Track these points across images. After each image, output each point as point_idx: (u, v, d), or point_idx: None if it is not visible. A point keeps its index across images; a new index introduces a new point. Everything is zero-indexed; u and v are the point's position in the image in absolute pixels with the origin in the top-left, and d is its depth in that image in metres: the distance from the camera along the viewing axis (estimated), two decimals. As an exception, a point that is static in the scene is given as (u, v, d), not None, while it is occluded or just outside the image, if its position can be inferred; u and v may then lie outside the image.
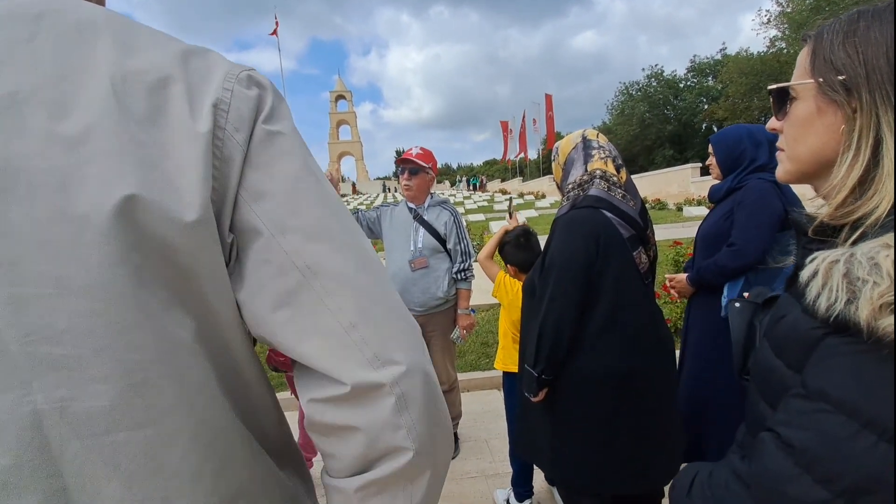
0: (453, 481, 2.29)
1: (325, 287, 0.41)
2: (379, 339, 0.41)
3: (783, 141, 0.63)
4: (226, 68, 0.43)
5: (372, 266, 0.45)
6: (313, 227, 0.42)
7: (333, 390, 0.41)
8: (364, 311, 0.42)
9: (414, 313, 2.30)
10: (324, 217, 0.43)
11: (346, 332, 0.40)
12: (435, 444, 0.43)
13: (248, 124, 0.41)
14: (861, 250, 0.45)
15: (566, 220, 1.40)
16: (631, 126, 33.32)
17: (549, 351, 1.34)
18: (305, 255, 0.41)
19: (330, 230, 0.43)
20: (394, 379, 0.40)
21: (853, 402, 0.45)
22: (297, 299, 0.41)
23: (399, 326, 0.44)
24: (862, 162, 0.51)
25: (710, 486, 0.60)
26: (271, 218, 0.41)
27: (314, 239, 0.42)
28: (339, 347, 0.40)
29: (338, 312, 0.41)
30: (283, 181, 0.42)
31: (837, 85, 0.53)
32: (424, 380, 0.43)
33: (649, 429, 1.38)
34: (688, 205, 13.02)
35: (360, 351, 0.40)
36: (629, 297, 1.37)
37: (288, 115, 0.46)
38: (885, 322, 0.42)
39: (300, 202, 0.42)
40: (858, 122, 0.51)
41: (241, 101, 0.41)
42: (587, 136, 1.52)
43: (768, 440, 0.53)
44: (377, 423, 0.40)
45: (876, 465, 0.43)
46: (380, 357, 0.41)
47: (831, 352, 0.48)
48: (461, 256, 2.36)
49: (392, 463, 0.41)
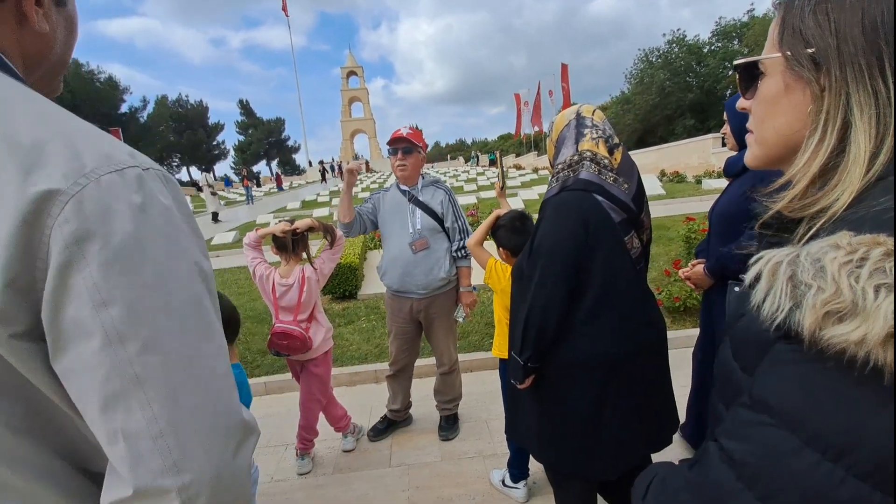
0: (451, 461, 2.33)
1: (145, 396, 0.44)
2: (181, 450, 0.45)
3: (752, 122, 0.58)
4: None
5: (206, 373, 0.48)
6: (151, 338, 0.45)
7: (120, 493, 0.44)
8: (176, 424, 0.45)
9: (417, 296, 2.31)
10: (163, 328, 0.46)
11: (154, 440, 0.44)
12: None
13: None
14: (808, 250, 0.40)
15: (555, 203, 1.34)
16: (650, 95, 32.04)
17: (536, 338, 1.32)
18: (137, 365, 0.44)
19: (168, 342, 0.46)
20: (182, 486, 0.44)
21: (796, 415, 0.41)
22: (116, 404, 0.44)
23: (211, 441, 0.47)
24: (826, 148, 0.45)
25: (662, 491, 0.58)
26: (113, 325, 0.43)
27: (150, 351, 0.44)
28: (141, 453, 0.44)
29: (151, 422, 0.44)
30: (128, 290, 0.44)
31: (805, 59, 0.47)
32: (216, 483, 0.46)
33: (637, 415, 1.36)
34: (707, 177, 12.57)
35: (161, 458, 0.44)
36: (619, 282, 1.32)
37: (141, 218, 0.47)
38: (829, 332, 0.37)
39: (143, 312, 0.45)
40: (826, 102, 0.45)
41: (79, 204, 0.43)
42: (582, 112, 1.44)
43: (713, 450, 0.50)
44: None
45: (819, 485, 0.39)
46: (178, 465, 0.44)
47: (780, 359, 0.44)
48: (459, 234, 2.34)
49: None
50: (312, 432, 2.33)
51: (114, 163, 0.46)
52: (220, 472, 0.47)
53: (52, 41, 0.55)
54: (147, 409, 0.44)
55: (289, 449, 2.51)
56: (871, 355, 0.35)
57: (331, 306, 4.73)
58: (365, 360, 3.52)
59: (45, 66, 0.56)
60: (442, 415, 2.59)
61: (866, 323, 0.35)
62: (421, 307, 2.33)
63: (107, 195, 0.44)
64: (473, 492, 2.10)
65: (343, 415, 2.46)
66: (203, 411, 0.47)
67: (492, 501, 2.03)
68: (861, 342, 0.35)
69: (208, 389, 0.49)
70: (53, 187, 0.42)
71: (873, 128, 0.42)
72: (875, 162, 0.42)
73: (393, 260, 2.29)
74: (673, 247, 5.31)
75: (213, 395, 0.49)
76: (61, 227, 0.41)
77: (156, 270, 0.46)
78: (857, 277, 0.36)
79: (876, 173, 0.42)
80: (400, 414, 2.62)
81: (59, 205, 0.42)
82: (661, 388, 1.45)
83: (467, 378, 3.17)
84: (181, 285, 0.48)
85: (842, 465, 0.38)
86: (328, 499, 2.14)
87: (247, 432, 0.52)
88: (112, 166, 0.45)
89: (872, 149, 0.42)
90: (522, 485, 2.01)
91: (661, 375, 1.45)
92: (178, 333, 0.47)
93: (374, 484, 2.21)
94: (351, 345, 3.80)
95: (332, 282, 4.78)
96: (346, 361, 3.52)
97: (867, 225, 0.39)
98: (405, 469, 2.30)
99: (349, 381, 3.31)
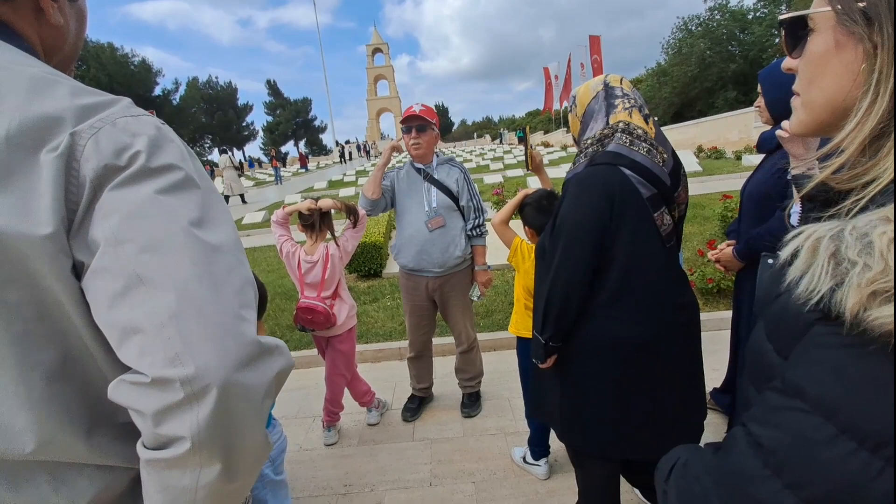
0: (474, 437, 2.36)
1: (148, 292, 0.46)
2: (184, 342, 0.45)
3: (798, 84, 0.52)
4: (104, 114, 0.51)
5: (211, 279, 0.49)
6: (149, 241, 0.47)
7: (136, 377, 0.46)
8: (177, 316, 0.46)
9: (433, 274, 2.30)
10: (166, 233, 0.48)
11: (157, 331, 0.45)
12: (225, 445, 0.47)
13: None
14: (854, 224, 0.36)
15: (579, 178, 1.29)
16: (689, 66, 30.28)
17: (557, 317, 1.29)
18: (135, 263, 0.47)
19: (169, 244, 0.48)
20: (185, 378, 0.44)
21: (832, 402, 0.38)
22: (122, 300, 0.46)
23: (214, 337, 0.47)
24: (878, 111, 0.40)
25: (683, 476, 0.56)
26: (113, 231, 0.47)
27: (148, 251, 0.47)
28: (147, 343, 0.45)
29: (152, 314, 0.46)
30: (131, 203, 0.48)
31: (857, 14, 0.42)
32: (222, 387, 0.46)
33: (663, 397, 1.32)
34: (748, 153, 11.91)
35: (163, 349, 0.45)
36: (645, 261, 1.27)
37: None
38: (874, 314, 0.34)
39: (141, 219, 0.48)
40: (879, 61, 0.40)
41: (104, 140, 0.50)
42: (609, 82, 1.37)
43: (740, 436, 0.47)
44: (160, 412, 0.45)
45: (854, 476, 0.36)
46: (180, 357, 0.45)
47: (816, 342, 0.41)
48: (474, 213, 2.32)
49: (173, 449, 0.46)
50: (338, 406, 2.40)
51: (132, 111, 0.53)
52: (228, 375, 0.47)
53: (65, 33, 0.61)
54: (148, 303, 0.46)
55: (316, 421, 2.61)
56: None
57: (356, 284, 4.82)
58: (389, 337, 3.59)
59: (60, 56, 0.62)
60: (465, 392, 2.61)
61: None
62: (436, 286, 2.33)
63: (121, 133, 0.50)
64: (494, 467, 2.12)
65: (367, 390, 2.52)
66: (212, 310, 0.48)
67: (512, 477, 2.06)
68: None
69: (219, 293, 0.49)
70: (75, 128, 0.48)
71: None
72: None
73: (408, 238, 2.28)
74: (708, 226, 5.10)
75: (224, 300, 0.50)
76: (83, 165, 0.48)
77: (163, 190, 0.50)
78: None
79: None
80: (428, 391, 2.68)
81: (81, 141, 0.48)
82: (691, 371, 1.40)
83: (491, 357, 3.18)
84: (187, 206, 0.52)
85: (880, 457, 0.35)
86: (353, 468, 2.22)
87: (263, 350, 0.51)
88: (129, 113, 0.53)
89: None
90: (543, 462, 2.02)
91: (692, 359, 1.40)
92: (179, 241, 0.49)
93: (397, 456, 2.27)
94: (376, 322, 3.86)
95: (357, 260, 4.85)
96: (370, 338, 3.59)
97: None
98: (428, 443, 2.35)
99: (374, 357, 3.39)
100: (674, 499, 0.55)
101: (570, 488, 1.81)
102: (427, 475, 2.12)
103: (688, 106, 30.75)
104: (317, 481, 2.15)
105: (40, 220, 0.45)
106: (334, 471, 2.21)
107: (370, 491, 2.06)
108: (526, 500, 1.92)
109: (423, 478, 2.11)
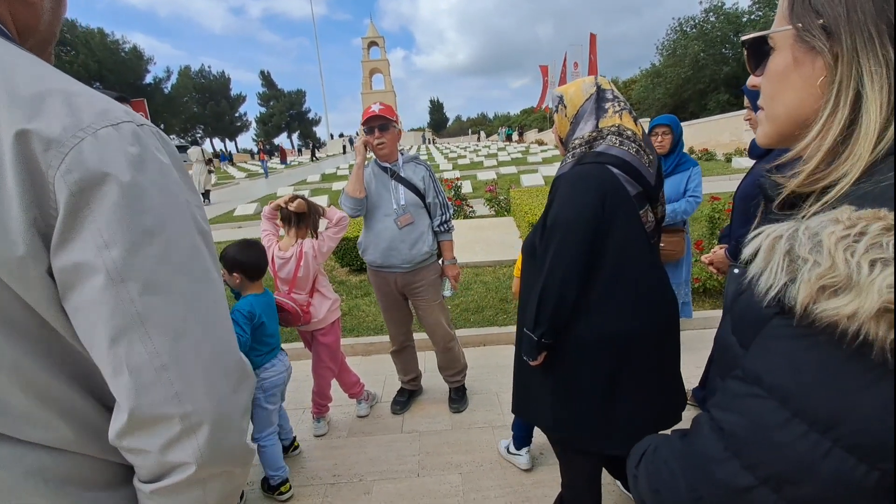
0: (462, 430, 2.40)
1: (147, 333, 0.48)
2: (183, 382, 0.50)
3: (762, 99, 0.56)
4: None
5: (202, 315, 0.52)
6: (151, 280, 0.48)
7: (123, 420, 0.49)
8: (177, 356, 0.49)
9: (401, 270, 2.32)
10: (164, 271, 0.49)
11: (158, 373, 0.48)
12: (223, 461, 0.54)
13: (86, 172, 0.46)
14: (807, 225, 0.39)
15: (571, 176, 1.32)
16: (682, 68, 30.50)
17: (552, 314, 1.30)
18: (138, 304, 0.48)
19: (168, 284, 0.50)
20: (185, 413, 0.49)
21: (786, 388, 0.42)
22: (121, 339, 0.47)
23: (208, 370, 0.52)
24: (840, 120, 0.44)
25: (652, 461, 0.59)
26: (115, 265, 0.46)
27: (150, 291, 0.48)
28: (144, 384, 0.48)
29: (154, 356, 0.48)
30: (129, 233, 0.47)
31: (817, 29, 0.45)
32: (216, 416, 0.52)
33: (650, 392, 1.36)
34: (738, 155, 12.07)
35: (163, 389, 0.49)
36: (634, 258, 1.30)
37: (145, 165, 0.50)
38: (821, 306, 0.37)
39: (144, 255, 0.48)
40: (838, 72, 0.44)
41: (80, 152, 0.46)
42: (601, 85, 1.39)
43: (704, 421, 0.51)
44: (163, 446, 0.50)
45: (805, 456, 0.40)
46: (180, 395, 0.49)
47: (773, 334, 0.44)
48: (440, 209, 2.35)
49: (178, 475, 0.51)
50: (325, 398, 2.43)
51: (109, 118, 0.49)
52: (220, 406, 0.52)
53: (40, 11, 0.57)
54: (150, 344, 0.48)
55: (306, 412, 2.63)
56: (863, 329, 0.35)
57: (347, 278, 4.83)
58: (380, 331, 3.61)
59: (36, 36, 0.58)
60: (451, 387, 2.64)
61: (859, 297, 0.35)
62: (405, 281, 2.35)
63: (105, 147, 0.47)
64: (481, 459, 2.17)
65: (356, 381, 2.54)
66: (204, 349, 0.52)
67: (498, 469, 2.10)
68: (853, 316, 0.35)
69: (208, 329, 0.53)
70: (53, 137, 0.44)
71: (885, 97, 0.40)
72: (885, 134, 0.40)
73: (376, 235, 2.30)
74: (696, 227, 5.17)
75: (213, 335, 0.53)
76: (64, 176, 0.44)
77: (154, 217, 0.49)
78: (852, 252, 0.35)
79: (886, 145, 0.40)
80: (416, 383, 2.70)
81: (58, 156, 0.44)
82: (673, 365, 1.45)
83: (479, 352, 3.23)
84: (180, 234, 0.52)
85: (828, 438, 0.39)
86: (342, 459, 2.24)
87: (244, 374, 0.57)
88: (108, 121, 0.48)
89: (883, 120, 0.40)
90: (525, 451, 2.06)
91: (673, 353, 1.44)
92: (177, 276, 0.51)
93: (385, 448, 2.30)
94: (367, 316, 3.88)
95: (349, 254, 4.86)
96: (361, 332, 3.61)
97: (871, 200, 0.38)
98: (416, 436, 2.39)
99: (364, 350, 3.41)
100: (644, 483, 0.59)
101: (555, 480, 1.85)
102: (415, 466, 2.16)
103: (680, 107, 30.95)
104: (306, 471, 2.17)
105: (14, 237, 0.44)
106: (323, 461, 2.24)
107: (359, 481, 2.09)
108: (511, 490, 1.97)
109: (411, 469, 2.14)
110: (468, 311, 3.75)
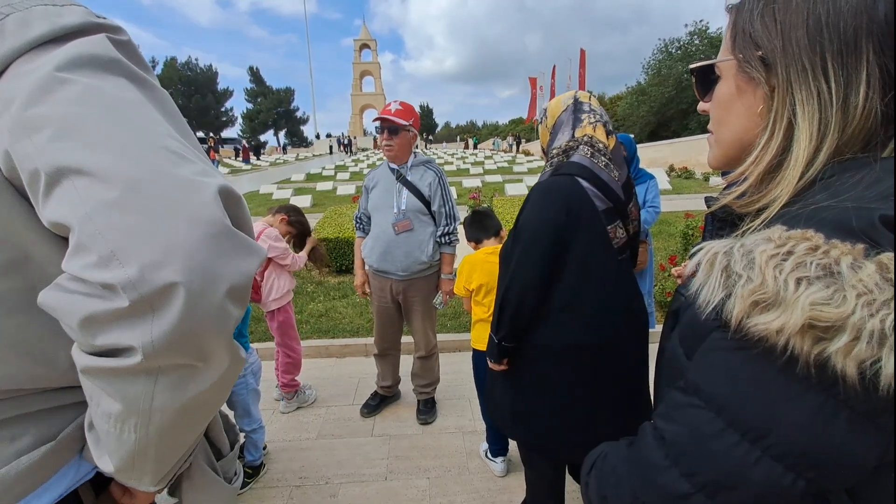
0: (431, 435, 2.40)
1: (73, 183, 0.38)
2: (122, 234, 0.37)
3: (711, 124, 0.59)
4: None
5: (140, 157, 0.40)
6: (60, 125, 0.39)
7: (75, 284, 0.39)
8: (109, 204, 0.37)
9: (397, 277, 2.28)
10: (75, 114, 0.40)
11: (81, 225, 0.37)
12: (188, 350, 0.40)
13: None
14: (742, 242, 0.42)
15: (541, 187, 1.35)
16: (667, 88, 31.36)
17: (511, 318, 1.34)
18: (48, 154, 0.39)
19: (81, 126, 0.40)
20: (128, 280, 0.36)
21: (721, 399, 0.43)
22: (49, 196, 0.39)
23: (162, 216, 0.38)
24: (774, 147, 0.46)
25: (601, 467, 0.61)
26: (16, 121, 0.40)
27: (61, 137, 0.39)
28: (76, 242, 0.38)
29: (77, 206, 0.37)
30: (31, 81, 0.40)
31: (756, 61, 0.47)
32: (189, 285, 0.37)
33: (611, 401, 1.39)
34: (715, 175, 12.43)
35: (94, 247, 0.37)
36: (597, 272, 1.33)
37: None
38: (753, 321, 0.39)
39: (45, 100, 0.40)
40: (774, 102, 0.46)
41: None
42: (579, 98, 1.44)
43: (647, 430, 0.52)
44: (96, 322, 0.38)
45: (737, 464, 0.42)
46: (117, 255, 0.36)
47: (713, 346, 0.46)
48: (446, 220, 2.27)
49: (120, 360, 0.39)
50: (287, 374, 2.57)
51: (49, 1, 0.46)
52: (192, 267, 0.37)
53: None
54: (72, 194, 0.38)
55: (275, 413, 2.59)
56: (790, 344, 0.37)
57: (326, 280, 4.78)
58: (357, 333, 3.58)
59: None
60: (419, 399, 2.58)
61: (786, 313, 0.37)
62: (400, 289, 2.31)
63: (29, 16, 0.43)
64: (450, 464, 2.16)
65: (295, 373, 2.61)
66: (148, 189, 0.39)
67: (466, 474, 2.10)
68: (781, 331, 0.37)
69: (151, 164, 0.40)
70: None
71: (814, 127, 0.43)
72: (815, 161, 0.43)
73: (375, 238, 2.27)
74: (672, 242, 5.30)
75: (159, 172, 0.40)
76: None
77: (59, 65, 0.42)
78: (780, 269, 0.37)
79: (816, 171, 0.43)
80: (391, 390, 2.66)
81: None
82: (639, 376, 1.48)
83: (456, 357, 3.23)
84: (110, 95, 0.43)
85: (758, 447, 0.41)
86: (310, 461, 2.21)
87: (235, 237, 0.42)
88: (45, 1, 0.46)
89: (812, 148, 0.43)
90: (501, 460, 2.07)
91: (640, 365, 1.48)
92: (94, 118, 0.41)
93: (354, 451, 2.28)
94: (344, 318, 3.85)
95: (328, 255, 4.81)
96: (337, 334, 3.58)
97: (802, 221, 0.40)
98: (386, 439, 2.37)
99: (340, 352, 3.38)
100: (594, 487, 0.60)
101: (521, 486, 1.86)
102: (383, 470, 2.14)
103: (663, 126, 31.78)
104: (272, 473, 2.13)
105: None
106: (290, 463, 2.20)
107: (325, 484, 2.06)
108: (477, 495, 1.97)
109: (380, 472, 2.13)
110: (444, 317, 3.76)
